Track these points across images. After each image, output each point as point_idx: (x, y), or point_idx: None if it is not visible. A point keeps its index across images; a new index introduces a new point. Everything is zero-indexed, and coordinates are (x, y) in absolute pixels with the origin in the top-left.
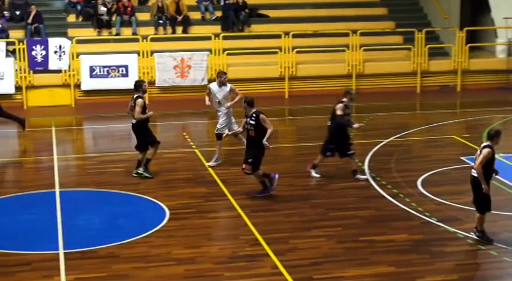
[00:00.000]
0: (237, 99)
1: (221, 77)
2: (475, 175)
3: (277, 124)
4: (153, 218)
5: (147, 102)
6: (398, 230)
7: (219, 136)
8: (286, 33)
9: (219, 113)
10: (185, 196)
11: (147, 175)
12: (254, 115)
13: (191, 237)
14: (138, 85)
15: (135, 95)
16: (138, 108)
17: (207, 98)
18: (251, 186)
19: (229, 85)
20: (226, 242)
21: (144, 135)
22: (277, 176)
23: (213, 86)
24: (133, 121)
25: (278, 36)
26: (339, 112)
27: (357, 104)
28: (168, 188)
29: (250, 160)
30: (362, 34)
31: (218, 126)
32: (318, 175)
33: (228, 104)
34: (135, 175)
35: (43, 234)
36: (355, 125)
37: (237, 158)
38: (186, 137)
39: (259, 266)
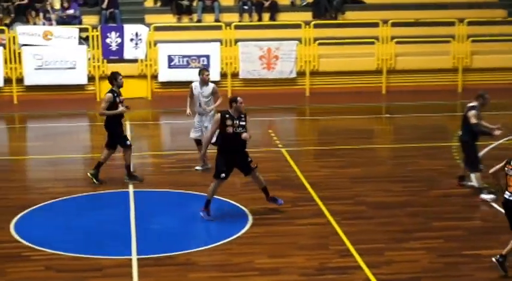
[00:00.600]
0: (218, 103)
1: (203, 75)
2: None
3: (372, 123)
4: (235, 223)
5: (122, 97)
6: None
7: (198, 141)
8: (385, 22)
9: (203, 117)
10: None
11: (94, 180)
12: (244, 115)
13: (276, 245)
14: (113, 78)
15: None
16: (103, 104)
17: (188, 102)
18: (343, 191)
19: (211, 85)
20: (314, 252)
21: (115, 134)
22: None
23: (195, 85)
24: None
25: (375, 25)
26: (473, 120)
27: (463, 101)
28: (252, 191)
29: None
30: (470, 23)
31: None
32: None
33: (212, 106)
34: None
35: (116, 237)
36: (496, 132)
37: (330, 160)
38: (272, 135)
39: (350, 279)
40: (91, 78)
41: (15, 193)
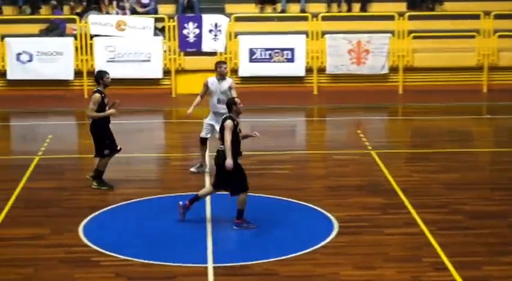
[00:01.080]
0: None
1: (221, 68)
2: None
3: (471, 124)
4: (319, 231)
5: (107, 98)
6: None
7: (204, 140)
8: (486, 14)
9: (215, 115)
10: (357, 206)
11: (104, 187)
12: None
13: (363, 256)
14: (99, 76)
15: (94, 89)
16: (91, 105)
17: (197, 100)
18: (437, 199)
19: (229, 79)
20: (406, 265)
21: (102, 139)
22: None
23: (212, 80)
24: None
25: (476, 17)
26: None
27: None
28: (337, 197)
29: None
30: None
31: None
32: None
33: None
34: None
35: (190, 244)
36: None
37: (424, 164)
38: (361, 135)
39: None
40: (166, 72)
41: (84, 193)
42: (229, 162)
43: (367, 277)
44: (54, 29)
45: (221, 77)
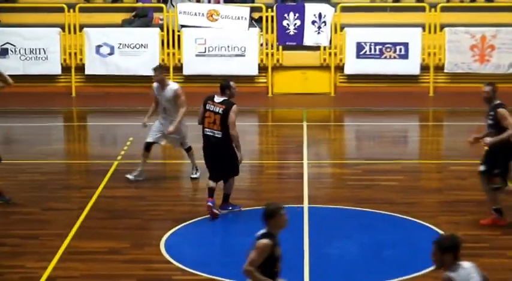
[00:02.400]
0: (180, 116)
1: (154, 73)
2: None
3: None
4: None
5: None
6: None
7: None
8: None
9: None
10: (476, 224)
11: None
12: None
13: None
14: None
15: (222, 99)
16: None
17: (151, 108)
18: None
19: (174, 86)
20: None
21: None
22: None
23: (155, 86)
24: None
25: None
26: None
27: None
28: (453, 213)
29: None
30: None
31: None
32: None
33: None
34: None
35: (285, 262)
36: None
37: None
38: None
39: None
40: (263, 69)
41: (166, 203)
42: (240, 155)
43: None
44: (143, 16)
45: (160, 84)
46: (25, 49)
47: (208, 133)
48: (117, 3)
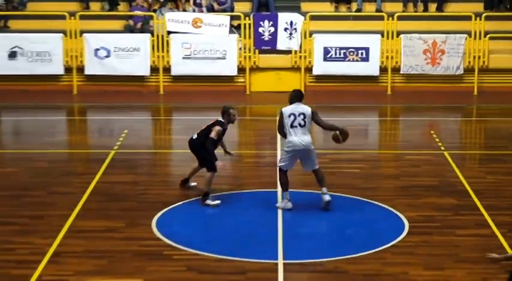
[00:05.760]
0: None
1: None
2: None
3: None
4: (389, 230)
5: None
6: None
7: None
8: None
9: None
10: (429, 206)
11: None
12: None
13: (433, 256)
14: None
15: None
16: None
17: None
18: (511, 201)
19: None
20: (477, 266)
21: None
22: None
23: None
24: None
25: None
26: None
27: None
28: (409, 196)
29: None
30: None
31: None
32: None
33: None
34: None
35: (261, 240)
36: None
37: (498, 166)
38: (434, 136)
39: None
40: (241, 70)
41: (157, 188)
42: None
43: (436, 277)
44: (146, 24)
45: None
46: (32, 52)
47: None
48: (112, 12)
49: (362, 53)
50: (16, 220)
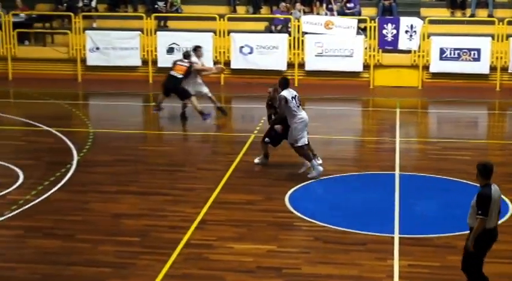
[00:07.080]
0: None
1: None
2: None
3: None
4: None
5: None
6: None
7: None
8: None
9: None
10: None
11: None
12: None
13: None
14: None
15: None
16: None
17: None
18: None
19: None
20: None
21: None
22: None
23: None
24: None
25: None
26: None
27: None
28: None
29: None
30: None
31: None
32: None
33: None
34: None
35: (380, 216)
36: None
37: None
38: None
39: None
40: (366, 67)
41: (289, 168)
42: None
43: None
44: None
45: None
46: (186, 48)
47: None
48: (256, 14)
49: (474, 54)
50: (170, 191)
